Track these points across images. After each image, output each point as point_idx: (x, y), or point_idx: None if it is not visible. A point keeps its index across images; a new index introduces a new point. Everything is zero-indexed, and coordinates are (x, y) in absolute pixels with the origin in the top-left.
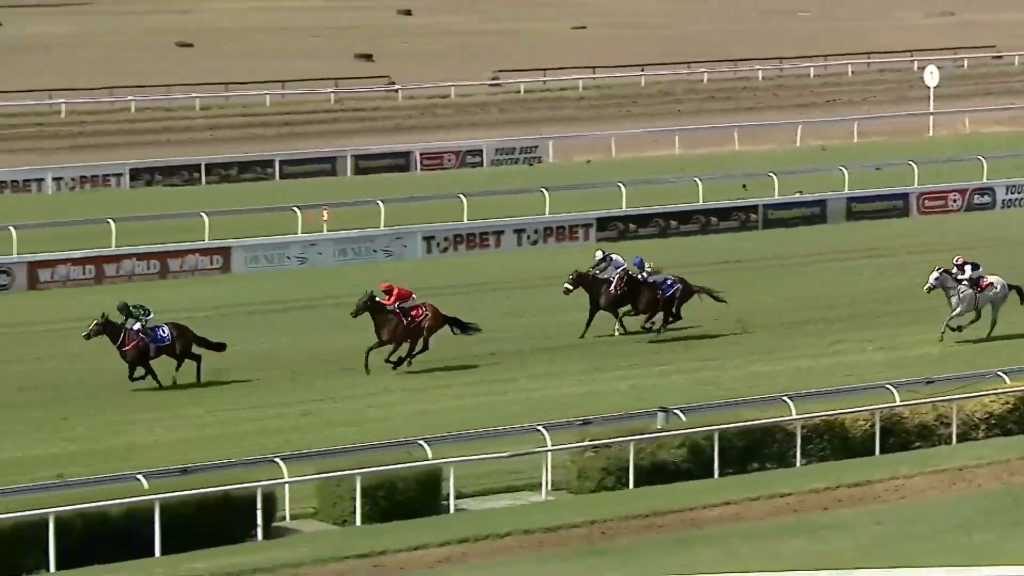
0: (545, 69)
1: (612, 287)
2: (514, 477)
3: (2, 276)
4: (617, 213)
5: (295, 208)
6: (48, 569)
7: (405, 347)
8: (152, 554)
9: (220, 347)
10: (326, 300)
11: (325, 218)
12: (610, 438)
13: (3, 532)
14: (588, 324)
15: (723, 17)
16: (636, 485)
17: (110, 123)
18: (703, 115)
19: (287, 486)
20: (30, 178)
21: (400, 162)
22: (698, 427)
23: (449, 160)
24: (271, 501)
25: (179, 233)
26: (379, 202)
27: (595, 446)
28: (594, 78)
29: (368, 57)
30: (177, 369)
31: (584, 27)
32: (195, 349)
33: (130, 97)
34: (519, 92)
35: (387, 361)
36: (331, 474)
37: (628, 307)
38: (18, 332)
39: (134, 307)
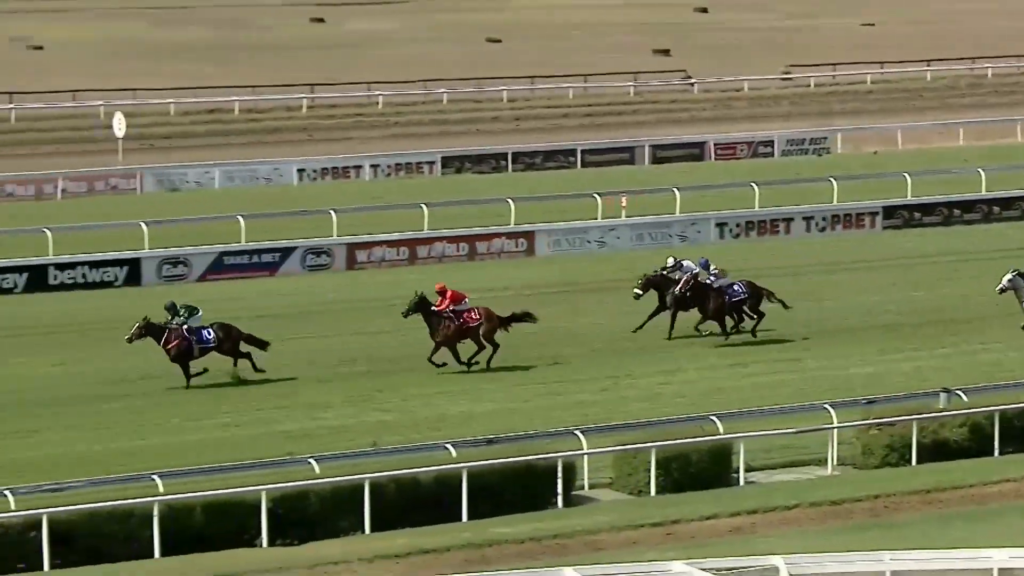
0: (835, 64)
1: (679, 288)
2: (801, 452)
3: (323, 256)
4: (903, 202)
5: (595, 195)
6: (364, 531)
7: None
8: (459, 519)
9: (264, 344)
10: (623, 283)
11: (623, 204)
12: (894, 417)
13: (323, 495)
14: (660, 319)
15: (1006, 14)
16: (918, 462)
17: (423, 114)
18: (987, 108)
19: (586, 457)
20: (349, 165)
21: (695, 152)
22: (979, 407)
23: (742, 150)
24: (571, 471)
25: (486, 217)
26: (675, 189)
27: (879, 424)
28: (882, 72)
29: (666, 52)
30: (234, 365)
31: (873, 24)
32: (243, 347)
33: (442, 90)
34: (809, 86)
35: (460, 362)
36: (628, 446)
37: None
38: (338, 309)
39: (182, 307)
